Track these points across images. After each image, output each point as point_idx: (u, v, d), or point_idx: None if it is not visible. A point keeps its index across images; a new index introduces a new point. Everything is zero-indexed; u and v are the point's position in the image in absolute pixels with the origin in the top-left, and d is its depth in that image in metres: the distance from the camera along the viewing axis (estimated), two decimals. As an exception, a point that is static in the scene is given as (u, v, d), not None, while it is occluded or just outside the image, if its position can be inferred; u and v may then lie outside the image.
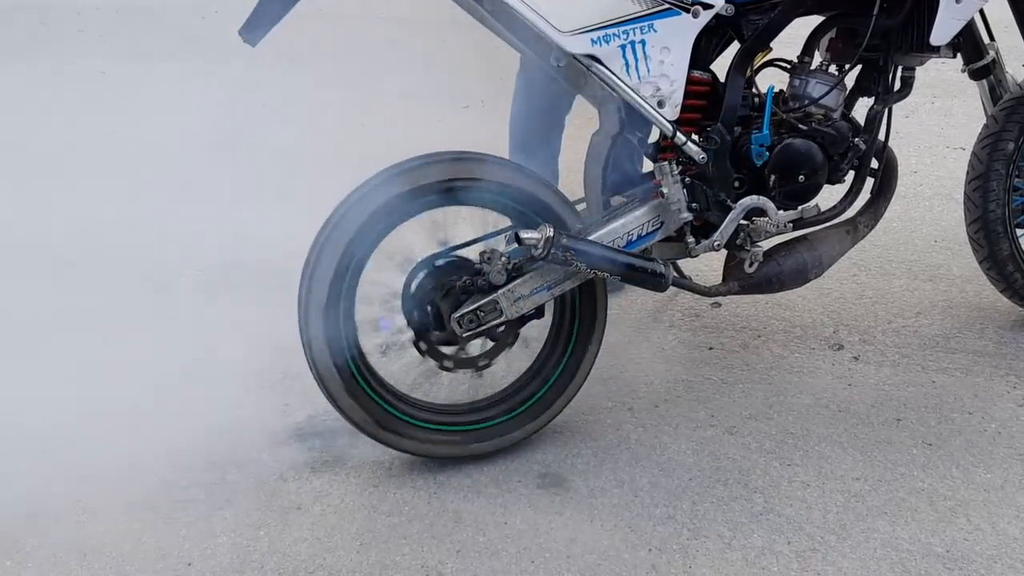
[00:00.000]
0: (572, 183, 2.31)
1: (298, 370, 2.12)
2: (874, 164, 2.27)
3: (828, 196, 2.20)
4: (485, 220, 2.07)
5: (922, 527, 1.89)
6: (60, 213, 3.22)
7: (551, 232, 1.89)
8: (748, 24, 2.04)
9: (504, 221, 2.07)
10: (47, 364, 2.36)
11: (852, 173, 2.22)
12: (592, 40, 1.90)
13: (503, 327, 2.00)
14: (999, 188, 2.40)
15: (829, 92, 2.12)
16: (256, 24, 1.87)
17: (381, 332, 2.08)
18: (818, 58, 2.20)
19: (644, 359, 2.47)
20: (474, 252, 2.01)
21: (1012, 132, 2.39)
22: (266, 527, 1.91)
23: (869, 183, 2.29)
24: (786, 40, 2.11)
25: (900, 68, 2.21)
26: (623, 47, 1.93)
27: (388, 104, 4.06)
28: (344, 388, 1.96)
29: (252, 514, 1.94)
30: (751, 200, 2.09)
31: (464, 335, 1.96)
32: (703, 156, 2.04)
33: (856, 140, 2.16)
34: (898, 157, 2.33)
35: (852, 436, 2.16)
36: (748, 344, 2.54)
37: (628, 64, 1.94)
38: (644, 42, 1.94)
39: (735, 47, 2.08)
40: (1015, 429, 2.18)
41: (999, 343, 2.51)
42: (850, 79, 2.20)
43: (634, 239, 2.05)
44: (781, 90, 2.17)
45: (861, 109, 2.21)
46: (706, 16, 1.98)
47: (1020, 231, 2.47)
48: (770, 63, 2.18)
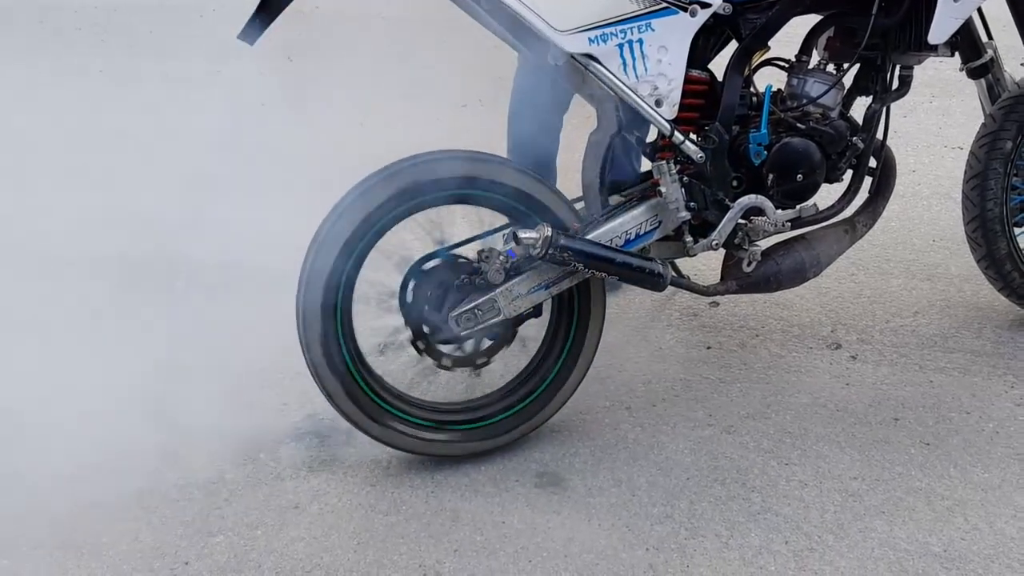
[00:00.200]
0: (570, 182, 2.31)
1: (296, 369, 2.12)
2: (872, 163, 2.28)
3: (826, 195, 2.20)
4: (483, 219, 2.07)
5: (920, 526, 1.89)
6: (58, 212, 3.22)
7: (549, 231, 1.89)
8: (746, 23, 2.04)
9: (502, 220, 2.07)
10: (44, 363, 2.36)
11: (850, 172, 2.23)
12: (590, 39, 1.90)
13: (501, 325, 2.00)
14: (997, 187, 2.41)
15: (827, 91, 2.12)
16: (253, 22, 1.87)
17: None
18: (816, 57, 2.20)
19: (642, 358, 2.47)
20: (472, 251, 2.01)
21: (1010, 131, 2.39)
22: (264, 526, 1.91)
23: (867, 182, 2.29)
24: (784, 39, 2.11)
25: (898, 67, 2.21)
26: (621, 46, 1.93)
27: (387, 103, 4.06)
28: (342, 387, 1.96)
29: (250, 513, 1.94)
30: (749, 199, 2.09)
31: (462, 333, 1.96)
32: (701, 155, 2.04)
33: (854, 139, 2.16)
34: (896, 156, 2.33)
35: (850, 435, 2.16)
36: (746, 343, 2.54)
37: (626, 63, 1.94)
38: (642, 41, 1.94)
39: (733, 46, 2.08)
40: (1013, 429, 2.18)
41: (997, 342, 2.51)
42: (848, 78, 2.20)
43: (632, 238, 2.05)
44: (779, 89, 2.17)
45: (859, 108, 2.21)
46: (704, 15, 1.97)
47: (1018, 230, 2.47)
48: (768, 62, 2.18)
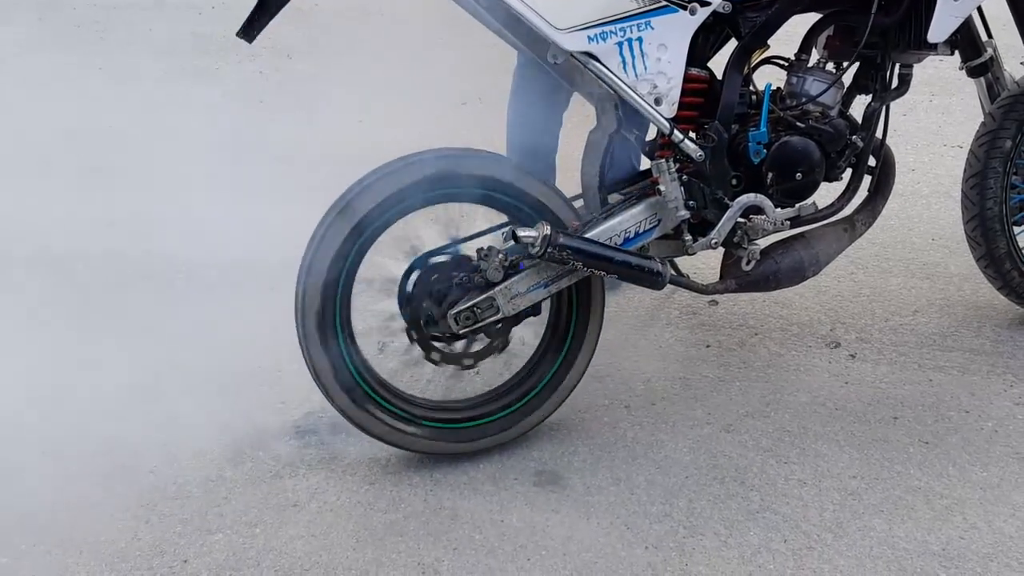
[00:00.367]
0: (569, 180, 2.31)
1: (295, 367, 2.12)
2: (872, 162, 2.28)
3: (825, 194, 2.20)
4: (482, 217, 2.07)
5: (918, 525, 1.89)
6: (58, 210, 3.22)
7: (548, 230, 1.89)
8: (745, 21, 2.04)
9: (501, 218, 2.06)
10: (43, 361, 2.36)
11: (849, 171, 2.22)
12: (589, 37, 1.90)
13: (499, 324, 2.00)
14: (996, 186, 2.41)
15: (827, 90, 2.11)
16: (253, 19, 1.87)
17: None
18: (816, 55, 2.20)
19: (641, 357, 2.47)
20: (471, 249, 2.01)
21: (1009, 130, 2.39)
22: (262, 524, 1.90)
23: (866, 181, 2.29)
24: (783, 37, 2.11)
25: (898, 65, 2.21)
26: (620, 44, 1.92)
27: (386, 101, 4.05)
28: (341, 385, 1.95)
29: (248, 511, 1.94)
30: (748, 198, 2.08)
31: (460, 331, 1.95)
32: (700, 154, 2.04)
33: (854, 138, 2.16)
34: (896, 155, 2.33)
35: (849, 434, 2.16)
36: (745, 342, 2.54)
37: (625, 61, 1.94)
38: (641, 39, 1.94)
39: (732, 44, 2.08)
40: (1011, 427, 2.18)
41: (996, 341, 2.52)
42: (848, 76, 2.19)
43: (631, 237, 2.05)
44: (779, 88, 2.17)
45: (859, 107, 2.21)
46: (703, 13, 1.97)
47: (1017, 229, 2.47)
48: (767, 60, 2.18)
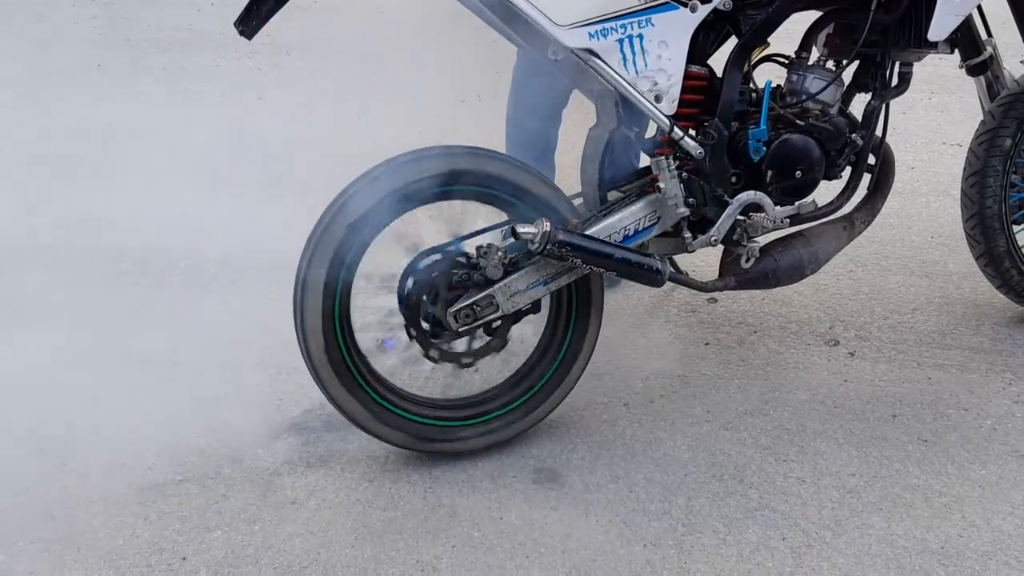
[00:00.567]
0: (569, 178, 2.31)
1: (294, 365, 2.11)
2: (871, 160, 2.28)
3: (825, 192, 2.20)
4: (481, 215, 2.06)
5: (917, 523, 1.90)
6: (56, 206, 3.21)
7: (548, 227, 1.88)
8: (746, 19, 2.03)
9: (501, 216, 2.06)
10: (41, 357, 2.35)
11: (849, 169, 2.22)
12: (590, 34, 1.90)
13: (499, 322, 2.00)
14: (996, 184, 2.41)
15: (826, 87, 2.11)
16: (252, 16, 1.86)
17: (387, 352, 2.08)
18: (816, 53, 2.20)
19: (640, 354, 2.47)
20: (471, 247, 2.00)
21: (1009, 128, 2.39)
22: (261, 522, 1.90)
23: (866, 179, 2.29)
24: (784, 35, 2.11)
25: (897, 64, 2.21)
26: (620, 41, 1.92)
27: (385, 98, 4.05)
28: (340, 383, 1.95)
29: (247, 509, 1.93)
30: (748, 195, 2.08)
31: (460, 329, 1.95)
32: (700, 151, 2.03)
33: (853, 136, 2.16)
34: (895, 153, 2.33)
35: (848, 432, 2.17)
36: (744, 340, 2.54)
37: (625, 58, 1.94)
38: (642, 36, 1.93)
39: (733, 42, 2.08)
40: (1010, 425, 2.18)
41: (995, 339, 2.52)
42: (847, 75, 2.19)
43: (631, 234, 2.04)
44: (778, 85, 2.17)
45: (858, 105, 2.21)
46: (704, 11, 1.97)
47: (1016, 227, 2.47)
48: (767, 58, 2.18)
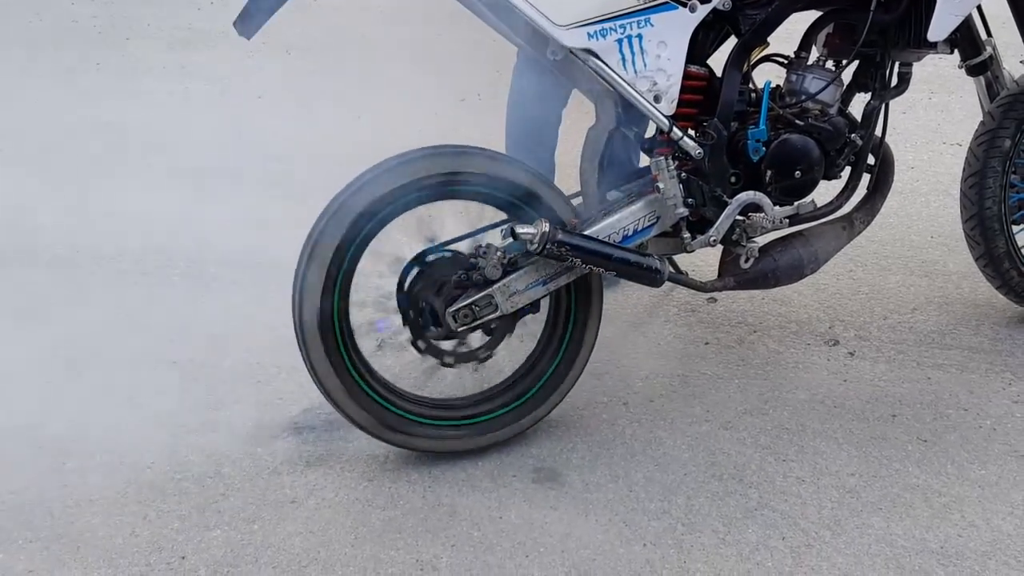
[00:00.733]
0: (568, 178, 2.31)
1: (293, 364, 2.11)
2: (871, 160, 2.27)
3: (824, 192, 2.20)
4: (481, 215, 2.06)
5: (917, 523, 1.90)
6: (55, 205, 3.21)
7: (547, 227, 1.88)
8: (745, 19, 2.03)
9: (500, 215, 2.06)
10: (41, 356, 2.36)
11: (848, 169, 2.22)
12: (589, 34, 1.90)
13: (498, 322, 2.00)
14: (995, 185, 2.41)
15: (826, 87, 2.11)
16: (251, 15, 1.86)
17: (378, 333, 2.08)
18: (815, 53, 2.20)
19: (639, 354, 2.47)
20: (469, 247, 2.00)
21: (1009, 129, 2.39)
22: (260, 521, 1.90)
23: (865, 179, 2.29)
24: (783, 35, 2.11)
25: (897, 64, 2.21)
26: (620, 41, 1.92)
27: (385, 97, 4.05)
28: (339, 382, 1.95)
29: (246, 508, 1.93)
30: (747, 195, 2.08)
31: (459, 330, 1.95)
32: (699, 151, 2.03)
33: (853, 136, 2.16)
34: (895, 153, 2.33)
35: (847, 432, 2.17)
36: (744, 339, 2.54)
37: (625, 58, 1.94)
38: (641, 36, 1.93)
39: (732, 42, 2.08)
40: (1010, 426, 2.18)
41: (994, 339, 2.52)
42: (847, 74, 2.19)
43: (630, 234, 2.04)
44: (778, 85, 2.17)
45: (858, 105, 2.21)
46: (703, 10, 1.97)
47: (1016, 228, 2.47)
48: (767, 58, 2.17)
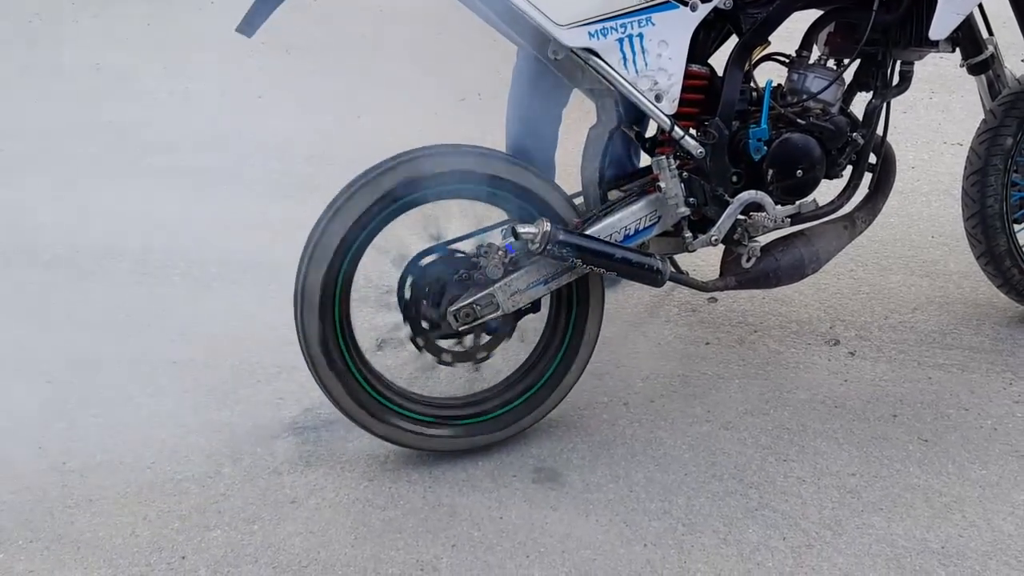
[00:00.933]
0: (569, 177, 2.31)
1: (293, 364, 2.11)
2: (872, 159, 2.27)
3: (826, 191, 2.19)
4: (481, 215, 2.06)
5: (917, 523, 1.89)
6: (55, 205, 3.22)
7: (548, 227, 1.88)
8: (746, 18, 2.03)
9: (501, 215, 2.06)
10: (40, 356, 2.36)
11: (850, 168, 2.22)
12: (590, 33, 1.89)
13: (499, 321, 2.00)
14: (997, 184, 2.40)
15: (827, 87, 2.11)
16: (252, 14, 1.86)
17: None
18: (817, 52, 2.20)
19: (640, 354, 2.47)
20: (470, 246, 2.00)
21: (1010, 127, 2.38)
22: (260, 521, 1.90)
23: (867, 178, 2.28)
24: (784, 34, 2.10)
25: (899, 63, 2.21)
26: (621, 40, 1.92)
27: (385, 97, 4.05)
28: (340, 382, 1.95)
29: (246, 508, 1.93)
30: (749, 195, 2.08)
31: (460, 329, 1.95)
32: (701, 150, 2.03)
33: (854, 135, 2.15)
34: (896, 152, 2.33)
35: (848, 432, 2.16)
36: (744, 339, 2.53)
37: (626, 58, 1.93)
38: (642, 35, 1.93)
39: (733, 41, 2.07)
40: (1011, 425, 2.18)
41: (996, 339, 2.51)
42: (849, 74, 2.19)
43: (631, 234, 2.04)
44: (779, 84, 2.16)
45: (859, 104, 2.21)
46: (704, 9, 1.97)
47: (1017, 227, 2.47)
48: (768, 57, 2.17)
